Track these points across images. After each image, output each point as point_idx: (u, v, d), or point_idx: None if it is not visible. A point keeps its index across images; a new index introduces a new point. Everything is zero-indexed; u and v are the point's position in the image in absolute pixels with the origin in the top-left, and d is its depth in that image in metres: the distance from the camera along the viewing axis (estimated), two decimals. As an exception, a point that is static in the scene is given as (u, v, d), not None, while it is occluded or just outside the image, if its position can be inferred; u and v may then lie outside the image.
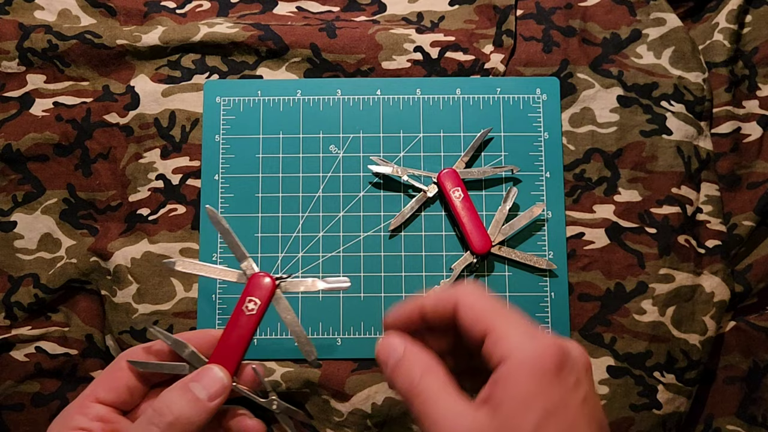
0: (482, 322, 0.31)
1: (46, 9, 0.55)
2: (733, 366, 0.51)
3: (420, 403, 0.30)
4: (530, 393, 0.28)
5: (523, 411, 0.28)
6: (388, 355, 0.33)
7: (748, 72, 0.54)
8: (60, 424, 0.35)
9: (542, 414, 0.28)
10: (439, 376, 0.31)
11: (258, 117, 0.53)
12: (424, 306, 0.34)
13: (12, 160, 0.53)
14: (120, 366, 0.36)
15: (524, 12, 0.55)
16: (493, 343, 0.30)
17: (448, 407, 0.30)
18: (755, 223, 0.51)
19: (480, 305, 0.32)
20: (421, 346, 0.33)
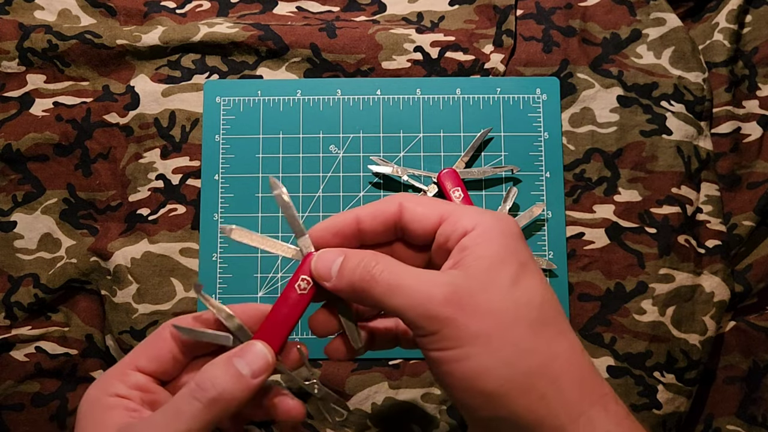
0: (435, 210, 0.32)
1: (46, 9, 0.55)
2: (733, 366, 0.51)
3: (386, 279, 0.30)
4: (503, 249, 0.30)
5: (499, 264, 0.29)
6: (329, 263, 0.32)
7: (748, 72, 0.54)
8: (98, 389, 0.33)
9: (518, 266, 0.30)
10: (390, 258, 0.31)
11: (258, 117, 0.53)
12: (360, 215, 0.33)
13: (12, 160, 0.53)
14: (163, 335, 0.35)
15: (524, 12, 0.55)
16: (453, 223, 0.31)
17: (418, 273, 0.30)
18: (755, 223, 0.51)
19: (428, 200, 0.33)
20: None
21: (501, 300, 0.29)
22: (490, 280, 0.29)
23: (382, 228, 0.33)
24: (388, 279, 0.30)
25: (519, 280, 0.29)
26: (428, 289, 0.29)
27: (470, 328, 0.28)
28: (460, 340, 0.28)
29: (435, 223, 0.32)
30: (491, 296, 0.29)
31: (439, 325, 0.28)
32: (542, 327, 0.29)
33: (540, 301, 0.29)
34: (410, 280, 0.30)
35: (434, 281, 0.29)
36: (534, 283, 0.30)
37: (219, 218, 0.51)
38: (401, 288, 0.29)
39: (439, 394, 0.49)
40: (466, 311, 0.28)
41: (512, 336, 0.28)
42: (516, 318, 0.29)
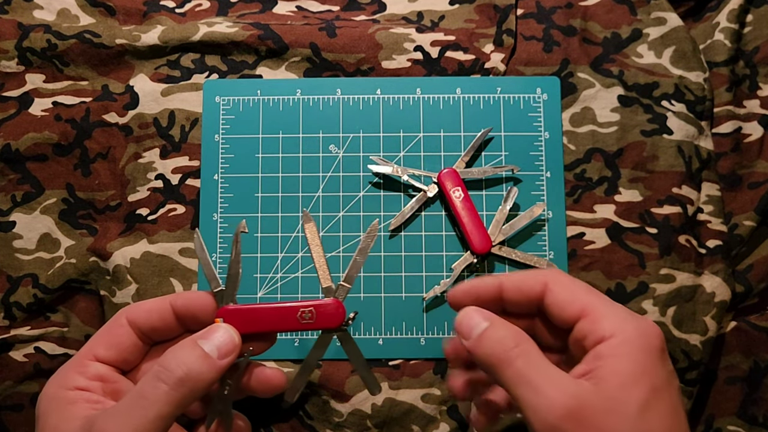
0: (578, 301, 0.31)
1: (45, 8, 0.55)
2: (733, 366, 0.50)
3: (518, 367, 0.29)
4: (639, 369, 0.28)
5: (631, 386, 0.28)
6: (472, 325, 0.32)
7: (749, 71, 0.54)
8: (56, 384, 0.32)
9: (650, 390, 0.28)
10: (534, 345, 0.30)
11: (258, 116, 0.53)
12: (504, 284, 0.33)
13: (11, 160, 0.52)
14: (120, 323, 0.34)
15: (525, 11, 0.55)
16: (593, 322, 0.30)
17: (549, 373, 0.29)
18: (756, 223, 0.51)
19: (575, 285, 0.32)
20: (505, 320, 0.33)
21: (624, 427, 0.27)
22: (618, 402, 0.28)
23: (524, 301, 0.33)
24: (521, 367, 0.29)
25: (648, 408, 0.28)
26: (555, 396, 0.28)
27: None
28: None
29: (575, 314, 0.31)
30: (616, 422, 0.28)
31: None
32: None
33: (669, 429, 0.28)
34: (541, 378, 0.29)
35: (564, 388, 0.28)
36: (661, 413, 0.28)
37: (218, 218, 0.51)
38: (531, 383, 0.29)
39: (439, 394, 0.49)
40: (584, 431, 0.27)
41: None
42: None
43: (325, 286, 0.35)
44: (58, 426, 0.30)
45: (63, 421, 0.30)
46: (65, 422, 0.30)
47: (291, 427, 0.50)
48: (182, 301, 0.34)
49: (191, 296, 0.35)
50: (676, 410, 0.29)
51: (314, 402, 0.49)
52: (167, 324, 0.35)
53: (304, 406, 0.50)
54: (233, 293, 0.34)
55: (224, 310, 0.34)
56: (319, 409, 0.49)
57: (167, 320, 0.35)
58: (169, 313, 0.34)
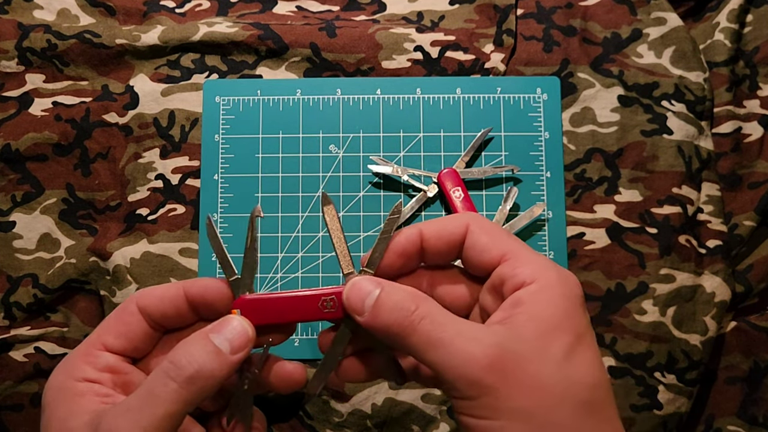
0: (499, 245, 0.29)
1: (46, 8, 0.55)
2: (733, 366, 0.50)
3: (424, 330, 0.27)
4: (561, 314, 0.27)
5: (554, 331, 0.26)
6: (362, 297, 0.29)
7: (749, 71, 0.54)
8: (64, 374, 0.30)
9: (574, 338, 0.27)
10: (435, 303, 0.28)
11: (258, 116, 0.53)
12: (424, 233, 0.30)
13: (11, 160, 0.52)
14: (130, 310, 0.31)
15: (525, 11, 0.55)
16: (513, 267, 0.28)
17: (461, 328, 0.27)
18: (756, 223, 0.51)
19: (496, 229, 0.30)
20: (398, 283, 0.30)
21: (551, 374, 0.26)
22: (541, 349, 0.26)
23: (445, 249, 0.31)
24: (428, 330, 0.27)
25: (573, 354, 0.26)
26: (472, 350, 0.26)
27: (512, 401, 0.25)
28: (499, 413, 0.26)
29: (495, 258, 0.29)
30: (541, 368, 0.26)
31: (479, 391, 0.26)
32: (590, 411, 0.26)
33: (592, 383, 0.26)
34: (453, 335, 0.27)
35: (479, 340, 0.26)
36: (588, 359, 0.27)
37: (218, 218, 0.51)
38: (442, 343, 0.27)
39: (439, 395, 0.49)
40: (509, 381, 0.26)
41: (557, 416, 0.26)
42: (564, 397, 0.26)
43: (347, 272, 0.32)
44: (66, 419, 0.29)
45: (71, 415, 0.29)
46: (73, 416, 0.29)
47: (291, 427, 0.50)
48: (197, 289, 0.32)
49: (206, 284, 0.32)
50: (598, 359, 0.27)
51: (314, 402, 0.49)
52: (180, 312, 0.32)
53: (304, 406, 0.49)
54: (250, 282, 0.32)
55: (242, 300, 0.32)
56: (319, 409, 0.49)
57: (180, 308, 0.32)
58: (182, 300, 0.32)
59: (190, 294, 0.32)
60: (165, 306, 0.32)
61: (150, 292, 0.32)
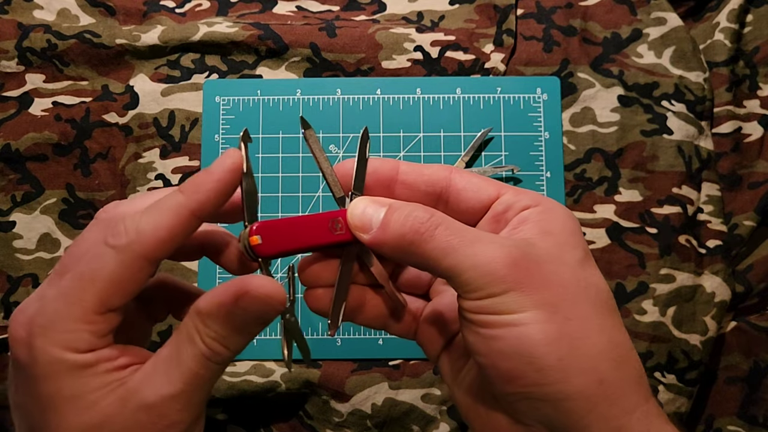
0: (493, 184, 0.30)
1: (45, 8, 0.55)
2: (733, 366, 0.50)
3: (441, 235, 0.27)
4: (570, 231, 0.28)
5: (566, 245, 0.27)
6: (369, 213, 0.29)
7: (749, 71, 0.54)
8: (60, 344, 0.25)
9: (583, 251, 0.28)
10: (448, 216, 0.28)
11: (257, 116, 0.53)
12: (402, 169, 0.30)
13: (11, 160, 0.52)
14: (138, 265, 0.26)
15: (525, 11, 0.55)
16: (514, 195, 0.29)
17: (477, 233, 0.27)
18: (756, 223, 0.51)
19: (478, 177, 0.30)
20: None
21: (570, 275, 0.27)
22: (558, 255, 0.27)
23: (423, 188, 0.30)
24: (446, 235, 0.27)
25: (585, 265, 0.27)
26: (494, 250, 0.26)
27: (539, 293, 0.26)
28: (525, 305, 0.26)
29: (492, 194, 0.29)
30: (560, 269, 0.27)
31: (505, 286, 0.26)
32: (608, 312, 0.27)
33: (604, 289, 0.28)
34: (472, 239, 0.27)
35: (499, 243, 0.27)
36: (596, 272, 0.28)
37: (218, 218, 0.51)
38: (462, 246, 0.26)
39: (439, 394, 0.49)
40: (534, 277, 0.26)
41: (581, 311, 0.26)
42: (585, 296, 0.27)
43: (339, 197, 0.31)
44: (79, 397, 0.25)
45: (87, 392, 0.25)
46: (91, 393, 0.25)
47: (291, 427, 0.50)
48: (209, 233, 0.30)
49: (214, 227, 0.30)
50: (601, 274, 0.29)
51: (314, 402, 0.49)
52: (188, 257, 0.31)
53: (304, 406, 0.49)
54: (255, 211, 0.30)
55: (261, 225, 0.29)
56: (318, 409, 0.49)
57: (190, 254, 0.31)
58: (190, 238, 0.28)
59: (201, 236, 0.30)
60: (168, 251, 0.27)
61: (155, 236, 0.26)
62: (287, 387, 0.48)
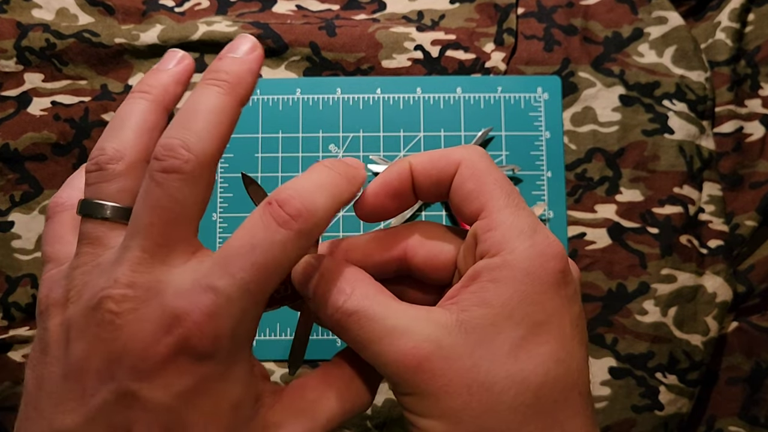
0: (481, 196, 0.25)
1: (44, 7, 0.55)
2: (735, 367, 0.50)
3: (354, 325, 0.24)
4: (515, 300, 0.23)
5: (501, 319, 0.23)
6: (308, 276, 0.26)
7: (751, 71, 0.54)
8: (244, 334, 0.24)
9: (527, 330, 0.23)
10: (371, 289, 0.25)
11: (257, 116, 0.53)
12: (414, 168, 0.27)
13: (9, 160, 0.52)
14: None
15: (525, 10, 0.54)
16: (485, 228, 0.25)
17: (392, 323, 0.24)
18: (758, 222, 0.51)
19: (486, 173, 0.26)
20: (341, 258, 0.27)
21: (488, 373, 0.23)
22: (484, 342, 0.23)
23: (434, 189, 0.27)
24: (357, 328, 0.24)
25: (521, 350, 0.23)
26: (401, 348, 0.23)
27: (441, 402, 0.23)
28: (429, 413, 0.24)
29: (475, 211, 0.26)
30: (477, 366, 0.23)
31: (409, 389, 0.24)
32: (533, 415, 0.23)
33: (540, 381, 0.23)
34: (383, 333, 0.24)
35: (412, 334, 0.24)
36: (540, 355, 0.23)
37: (218, 218, 0.51)
38: (372, 343, 0.24)
39: (440, 395, 0.49)
40: (438, 382, 0.23)
41: (488, 422, 0.23)
42: (501, 400, 0.23)
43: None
44: (241, 405, 0.25)
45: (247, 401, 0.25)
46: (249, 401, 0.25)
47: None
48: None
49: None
50: (562, 351, 0.24)
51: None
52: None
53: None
54: None
55: None
56: (318, 409, 0.49)
57: None
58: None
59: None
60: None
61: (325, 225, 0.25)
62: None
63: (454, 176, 0.26)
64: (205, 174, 0.24)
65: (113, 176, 0.25)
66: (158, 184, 0.23)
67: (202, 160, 0.24)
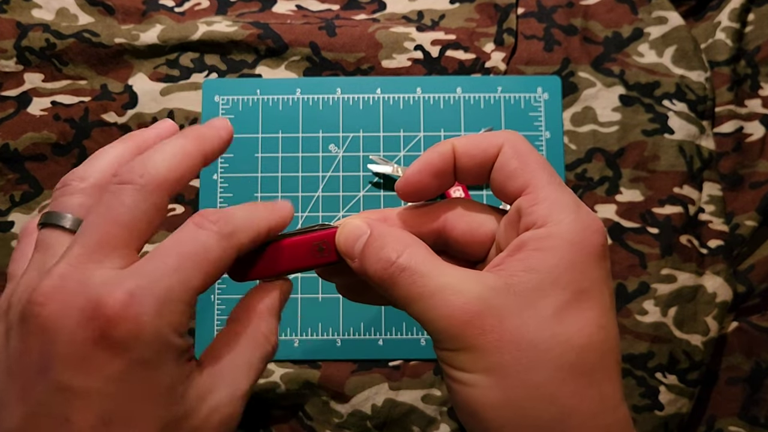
0: (525, 173, 0.26)
1: (44, 7, 0.55)
2: (735, 367, 0.50)
3: (404, 282, 0.25)
4: (561, 267, 0.24)
5: (547, 284, 0.24)
6: (354, 239, 0.27)
7: (751, 71, 0.54)
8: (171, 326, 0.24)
9: (573, 292, 0.24)
10: (422, 250, 0.26)
11: (257, 116, 0.53)
12: (458, 147, 0.28)
13: (9, 160, 0.52)
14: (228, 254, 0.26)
15: (525, 10, 0.54)
16: (530, 203, 0.26)
17: (444, 278, 0.25)
18: (758, 222, 0.51)
19: (529, 154, 0.27)
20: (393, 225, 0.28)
21: (535, 331, 0.24)
22: (531, 303, 0.24)
23: (476, 170, 0.28)
24: (408, 283, 0.26)
25: (566, 313, 0.24)
26: (452, 304, 0.25)
27: (489, 357, 0.24)
28: (476, 367, 0.25)
29: (519, 188, 0.27)
30: (526, 324, 0.24)
31: (458, 344, 0.25)
32: (574, 374, 0.24)
33: (583, 344, 0.24)
34: (434, 289, 0.25)
35: (462, 292, 0.25)
36: (584, 319, 0.25)
37: (218, 218, 0.51)
38: (422, 296, 0.25)
39: (440, 395, 0.49)
40: (489, 338, 0.24)
41: (534, 377, 0.24)
42: (546, 358, 0.24)
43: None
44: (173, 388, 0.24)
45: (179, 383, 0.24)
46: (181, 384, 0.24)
47: (290, 428, 0.50)
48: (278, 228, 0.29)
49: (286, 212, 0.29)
50: (603, 317, 0.25)
51: (314, 403, 0.49)
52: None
53: (303, 407, 0.49)
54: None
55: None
56: (318, 410, 0.49)
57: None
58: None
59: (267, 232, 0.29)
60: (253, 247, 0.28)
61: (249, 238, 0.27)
62: (287, 388, 0.48)
63: (497, 157, 0.28)
64: (156, 193, 0.25)
65: (76, 191, 0.27)
66: (111, 192, 0.25)
67: (156, 180, 0.25)
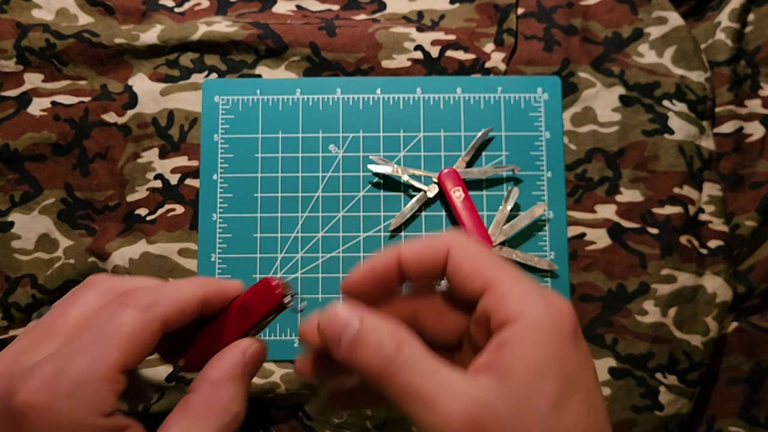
0: (482, 274, 0.26)
1: (44, 8, 0.55)
2: (735, 367, 0.50)
3: (404, 379, 0.24)
4: (547, 358, 0.24)
5: (540, 378, 0.24)
6: (340, 329, 0.26)
7: (751, 71, 0.54)
8: (86, 409, 0.24)
9: (562, 383, 0.24)
10: (418, 346, 0.25)
11: (257, 116, 0.53)
12: (403, 256, 0.28)
13: (9, 160, 0.52)
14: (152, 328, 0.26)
15: (525, 10, 0.54)
16: (496, 301, 0.25)
17: (442, 379, 0.24)
18: (758, 223, 0.51)
19: (478, 254, 0.27)
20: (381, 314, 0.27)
21: (535, 429, 0.24)
22: (528, 403, 0.24)
23: (426, 274, 0.28)
24: (407, 381, 0.25)
25: (562, 405, 0.24)
26: (451, 407, 0.24)
27: None
28: None
29: (477, 288, 0.26)
30: (525, 424, 0.24)
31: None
32: None
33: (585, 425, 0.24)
34: (433, 388, 0.24)
35: (461, 395, 0.24)
36: (577, 410, 0.24)
37: (218, 218, 0.51)
38: (421, 396, 0.24)
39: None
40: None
41: None
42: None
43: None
44: None
45: None
46: None
47: (290, 428, 0.50)
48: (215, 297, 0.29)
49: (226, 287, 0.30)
50: (592, 399, 0.25)
51: (314, 403, 0.49)
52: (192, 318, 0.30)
53: (303, 407, 0.49)
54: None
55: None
56: (318, 410, 0.49)
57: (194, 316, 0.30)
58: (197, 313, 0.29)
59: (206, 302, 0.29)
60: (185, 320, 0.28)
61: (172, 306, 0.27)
62: (287, 388, 0.48)
63: (446, 261, 0.27)
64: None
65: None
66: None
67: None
